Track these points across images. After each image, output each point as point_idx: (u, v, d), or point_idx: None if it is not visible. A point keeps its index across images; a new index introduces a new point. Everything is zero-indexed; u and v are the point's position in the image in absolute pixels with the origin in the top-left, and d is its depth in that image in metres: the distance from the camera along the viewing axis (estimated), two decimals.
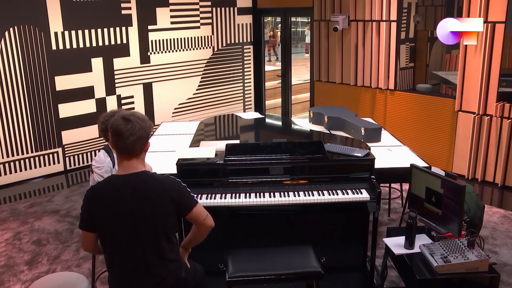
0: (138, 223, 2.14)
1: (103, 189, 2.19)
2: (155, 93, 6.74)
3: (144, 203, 2.14)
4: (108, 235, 2.17)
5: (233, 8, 7.33)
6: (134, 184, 2.15)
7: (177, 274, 2.26)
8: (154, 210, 2.15)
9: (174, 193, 2.19)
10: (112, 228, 2.15)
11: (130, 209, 2.13)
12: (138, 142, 2.17)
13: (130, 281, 2.20)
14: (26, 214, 4.86)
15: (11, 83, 5.47)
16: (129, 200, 2.13)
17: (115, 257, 2.21)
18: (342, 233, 3.49)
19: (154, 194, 2.16)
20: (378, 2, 6.04)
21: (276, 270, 2.61)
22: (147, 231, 2.15)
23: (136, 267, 2.18)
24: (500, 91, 5.13)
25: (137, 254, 2.17)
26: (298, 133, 4.30)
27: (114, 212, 2.14)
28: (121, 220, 2.13)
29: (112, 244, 2.19)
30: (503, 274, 3.51)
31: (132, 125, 2.15)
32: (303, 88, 9.61)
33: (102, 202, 2.15)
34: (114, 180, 2.20)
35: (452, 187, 2.64)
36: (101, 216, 2.15)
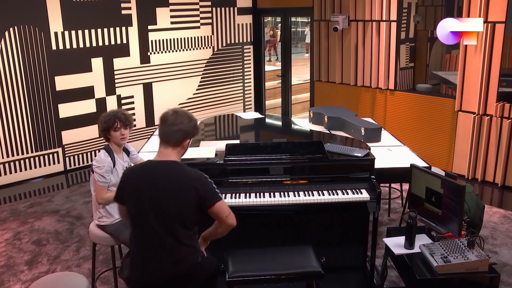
0: (154, 207, 2.27)
1: (135, 170, 2.41)
2: (155, 93, 6.74)
3: (164, 189, 2.27)
4: (130, 211, 2.36)
5: (233, 8, 7.33)
6: (161, 170, 2.32)
7: (193, 258, 2.36)
8: (173, 198, 2.27)
9: (199, 185, 2.29)
10: (133, 206, 2.33)
11: (149, 192, 2.27)
12: (177, 134, 2.35)
13: (148, 258, 2.31)
14: (26, 214, 4.86)
15: (11, 83, 5.47)
16: (150, 184, 2.28)
17: (136, 236, 2.37)
18: (342, 233, 3.48)
19: (178, 182, 2.29)
20: (378, 2, 6.04)
21: (276, 270, 2.61)
22: (162, 215, 2.27)
23: (153, 247, 2.29)
24: (500, 91, 5.13)
25: (152, 235, 2.28)
26: (298, 133, 4.30)
27: (136, 193, 2.31)
28: (140, 201, 2.29)
29: (132, 221, 2.37)
30: (503, 274, 3.51)
31: (177, 117, 2.36)
32: (303, 88, 9.61)
33: (130, 181, 2.36)
34: (147, 163, 2.42)
35: (452, 187, 2.64)
36: (127, 194, 2.35)
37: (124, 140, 3.11)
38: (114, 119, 3.05)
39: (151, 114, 6.77)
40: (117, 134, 3.06)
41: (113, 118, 3.05)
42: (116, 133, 3.06)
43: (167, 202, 2.27)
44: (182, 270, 2.32)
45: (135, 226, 2.36)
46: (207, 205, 2.31)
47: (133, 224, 2.37)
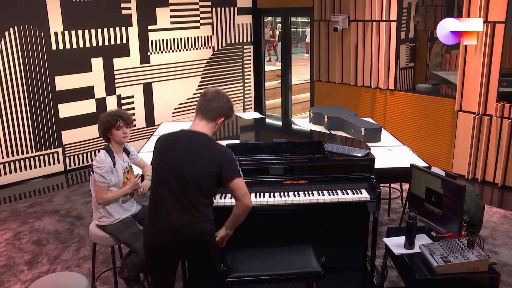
0: (176, 171, 2.41)
1: (167, 136, 2.56)
2: (155, 93, 6.74)
3: (188, 156, 2.42)
4: (155, 176, 2.50)
5: (233, 8, 7.34)
6: (191, 139, 2.49)
7: (203, 227, 2.44)
8: (196, 165, 2.41)
9: (223, 159, 2.45)
10: (158, 169, 2.48)
11: (174, 157, 2.43)
12: (215, 109, 2.51)
13: (162, 219, 2.43)
14: (26, 214, 4.86)
15: (11, 83, 5.47)
16: (177, 150, 2.45)
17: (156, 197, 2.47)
18: (342, 233, 3.48)
19: (203, 152, 2.44)
20: (378, 2, 6.05)
21: (276, 270, 2.61)
22: (187, 182, 2.39)
23: (169, 209, 2.41)
24: (500, 91, 5.13)
25: (170, 198, 2.41)
26: (298, 133, 4.30)
27: (162, 157, 2.48)
28: (164, 164, 2.45)
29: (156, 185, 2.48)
30: (503, 274, 3.51)
31: (218, 94, 2.55)
32: (303, 88, 9.61)
33: (161, 147, 2.52)
34: (180, 131, 2.56)
35: (452, 187, 2.64)
36: (157, 158, 2.52)
37: (126, 139, 3.11)
38: (117, 117, 3.05)
39: (151, 114, 6.77)
40: (120, 133, 3.06)
41: (115, 117, 3.05)
42: (118, 131, 3.06)
43: (188, 168, 2.40)
44: (189, 234, 2.40)
45: (157, 188, 2.48)
46: (227, 179, 2.44)
47: (155, 186, 2.49)
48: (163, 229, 2.43)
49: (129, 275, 3.16)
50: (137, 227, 3.12)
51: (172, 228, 2.40)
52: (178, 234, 2.40)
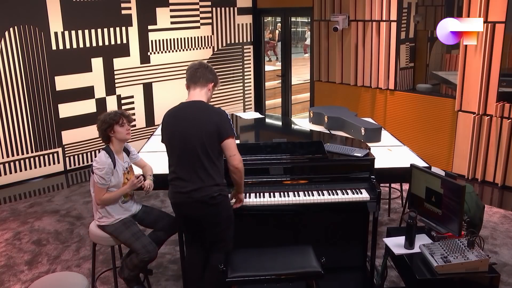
0: (187, 137, 2.69)
1: (171, 111, 2.84)
2: (155, 93, 6.74)
3: (191, 123, 2.70)
4: (168, 147, 2.80)
5: (233, 8, 7.34)
6: (190, 107, 2.76)
7: (212, 192, 2.71)
8: (198, 130, 2.68)
9: (218, 119, 2.70)
10: (170, 141, 2.78)
11: (180, 127, 2.72)
12: (203, 76, 2.81)
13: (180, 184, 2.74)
14: (26, 214, 4.86)
15: (11, 83, 5.48)
16: (181, 120, 2.73)
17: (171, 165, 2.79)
18: (342, 233, 3.48)
19: (202, 116, 2.71)
20: (378, 2, 6.05)
21: (276, 270, 2.61)
22: (193, 144, 2.68)
23: (187, 172, 2.72)
24: (500, 91, 5.13)
25: (183, 165, 2.73)
26: (298, 133, 4.30)
27: (170, 129, 2.77)
28: (174, 135, 2.74)
29: (170, 155, 2.80)
30: (503, 274, 3.51)
31: (201, 64, 2.86)
32: (303, 88, 9.61)
33: (167, 121, 2.81)
34: (180, 104, 2.84)
35: (452, 187, 2.64)
36: (165, 132, 2.81)
37: (129, 136, 3.12)
38: (119, 115, 3.07)
39: (151, 114, 6.77)
40: (123, 130, 3.07)
41: (119, 114, 3.07)
42: (122, 128, 3.06)
43: (193, 134, 2.67)
44: (199, 196, 2.69)
45: (172, 158, 2.79)
46: (222, 138, 2.68)
47: (169, 157, 2.81)
48: (178, 194, 2.75)
49: (129, 275, 3.16)
50: (137, 227, 3.12)
51: (184, 192, 2.71)
52: (189, 197, 2.71)
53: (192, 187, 2.70)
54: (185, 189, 2.72)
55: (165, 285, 3.54)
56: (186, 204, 2.76)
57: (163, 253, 3.93)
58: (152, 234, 3.24)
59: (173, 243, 4.02)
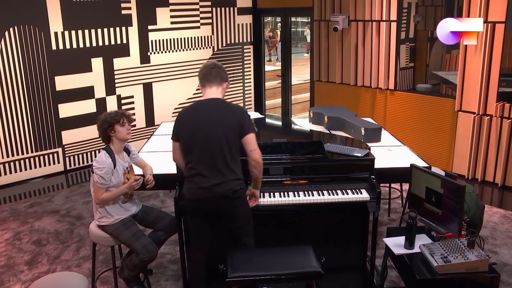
0: (209, 133, 2.73)
1: (188, 110, 2.88)
2: (155, 93, 6.74)
3: (213, 119, 2.75)
4: (187, 143, 2.80)
5: (233, 8, 7.34)
6: (211, 105, 2.81)
7: (234, 185, 2.76)
8: (223, 126, 2.74)
9: (240, 115, 2.79)
10: (190, 138, 2.78)
11: (203, 124, 2.75)
12: (218, 75, 2.87)
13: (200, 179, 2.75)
14: (26, 214, 4.86)
15: (11, 83, 5.48)
16: (203, 117, 2.76)
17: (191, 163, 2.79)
18: (342, 233, 3.48)
19: (224, 113, 2.78)
20: (378, 2, 6.05)
21: (276, 270, 2.61)
22: (215, 140, 2.73)
23: (208, 168, 2.74)
24: (500, 91, 5.13)
25: (209, 157, 2.74)
26: (298, 133, 4.30)
27: (191, 127, 2.78)
28: (195, 132, 2.76)
29: (189, 152, 2.79)
30: (503, 274, 3.51)
31: (214, 63, 2.92)
32: (303, 88, 9.61)
33: (185, 118, 2.83)
34: (197, 103, 2.87)
35: (452, 187, 2.64)
36: (182, 130, 2.82)
37: (130, 135, 3.12)
38: (120, 114, 3.07)
39: (151, 114, 6.77)
40: (124, 129, 3.07)
41: (119, 114, 3.07)
42: (123, 128, 3.06)
43: (215, 130, 2.73)
44: (221, 191, 2.73)
45: (191, 155, 2.79)
46: (243, 133, 2.76)
47: (187, 154, 2.82)
48: (199, 189, 2.75)
49: (129, 275, 3.16)
50: (137, 227, 3.12)
51: (206, 187, 2.73)
52: (212, 192, 2.73)
53: (214, 182, 2.73)
54: (206, 184, 2.73)
55: (165, 285, 3.54)
56: (206, 199, 2.77)
57: (163, 253, 3.93)
58: (152, 234, 3.24)
59: (173, 243, 4.02)
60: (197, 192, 2.78)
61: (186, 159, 2.84)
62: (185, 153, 2.84)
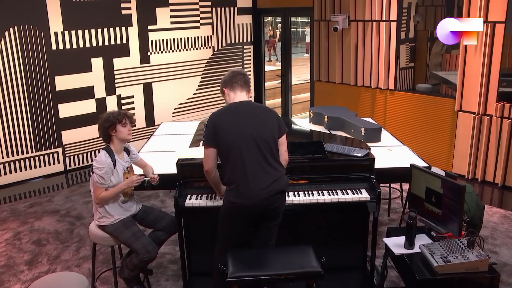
0: (258, 132, 2.72)
1: (224, 113, 2.80)
2: (155, 93, 6.74)
3: (258, 119, 2.77)
4: (229, 147, 2.71)
5: (233, 8, 7.34)
6: (250, 108, 2.82)
7: (286, 179, 2.80)
8: (268, 126, 2.77)
9: (276, 116, 2.87)
10: (234, 141, 2.70)
11: (251, 125, 2.73)
12: (248, 81, 2.92)
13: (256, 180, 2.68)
14: (26, 214, 4.86)
15: (11, 83, 5.48)
16: (246, 117, 2.76)
17: (238, 165, 2.70)
18: (342, 233, 3.48)
19: (264, 113, 2.83)
20: (378, 2, 6.05)
21: (276, 270, 2.61)
22: (265, 138, 2.73)
23: (256, 170, 2.69)
24: (500, 91, 5.13)
25: (259, 157, 2.70)
26: (298, 133, 4.30)
27: (237, 129, 2.72)
28: (243, 133, 2.71)
29: (236, 154, 2.70)
30: (503, 274, 3.51)
31: (244, 72, 2.96)
32: (303, 88, 9.61)
33: (224, 121, 2.75)
34: (233, 106, 2.83)
35: (452, 187, 2.64)
36: (224, 134, 2.72)
37: (130, 136, 3.12)
38: (123, 114, 3.07)
39: (151, 114, 6.77)
40: (125, 130, 3.07)
41: (122, 114, 3.07)
42: (124, 128, 3.06)
43: (263, 129, 2.74)
44: (278, 186, 2.71)
45: (237, 157, 2.70)
46: (281, 133, 2.83)
47: (233, 158, 2.71)
48: (254, 191, 2.67)
49: (129, 275, 3.16)
50: (137, 227, 3.12)
51: (263, 188, 2.67)
52: (269, 191, 2.68)
53: (270, 180, 2.70)
54: (263, 184, 2.68)
55: (165, 285, 3.54)
56: (264, 200, 2.68)
57: (163, 253, 3.93)
58: (152, 234, 3.24)
59: (173, 243, 4.02)
60: (253, 196, 2.67)
61: (229, 164, 2.73)
62: (226, 158, 2.74)
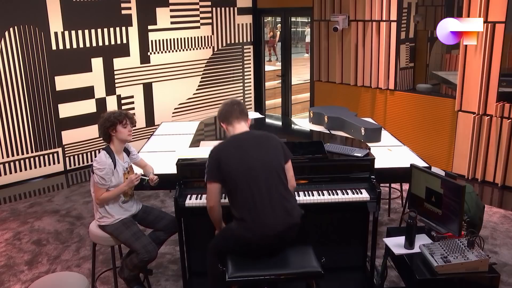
0: (266, 165, 2.62)
1: (227, 146, 2.68)
2: (155, 93, 6.74)
3: (265, 149, 2.67)
4: (240, 181, 2.59)
5: (233, 8, 7.34)
6: (253, 137, 2.73)
7: (299, 209, 2.70)
8: (273, 153, 2.68)
9: (280, 143, 2.77)
10: (241, 174, 2.58)
11: (257, 155, 2.63)
12: (242, 112, 2.80)
13: (264, 215, 2.56)
14: (26, 214, 4.86)
15: (11, 83, 5.48)
16: (253, 149, 2.64)
17: (247, 199, 2.58)
18: (342, 233, 3.48)
19: (268, 141, 2.72)
20: (378, 2, 6.05)
21: (276, 270, 2.61)
22: (273, 171, 2.63)
23: (267, 203, 2.57)
24: (500, 91, 5.13)
25: (268, 189, 2.59)
26: (298, 133, 4.30)
27: (243, 161, 2.60)
28: (249, 166, 2.59)
29: (244, 189, 2.58)
30: (503, 274, 3.51)
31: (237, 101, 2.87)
32: (303, 88, 9.61)
33: (230, 155, 2.62)
34: (234, 138, 2.74)
35: (452, 187, 2.64)
36: (229, 167, 2.59)
37: (130, 137, 3.12)
38: (124, 115, 3.07)
39: (151, 114, 6.77)
40: (126, 130, 3.07)
41: (123, 114, 3.07)
42: (125, 129, 3.06)
43: (271, 158, 2.65)
44: (292, 218, 2.61)
45: (245, 190, 2.58)
46: (286, 159, 2.75)
47: (243, 190, 2.59)
48: (267, 226, 2.55)
49: (129, 275, 3.16)
50: (137, 227, 3.12)
51: (276, 223, 2.56)
52: (283, 224, 2.58)
53: (283, 213, 2.59)
54: (276, 220, 2.56)
55: (165, 285, 3.54)
56: (278, 233, 2.58)
57: (163, 253, 3.93)
58: (152, 234, 3.24)
59: (173, 243, 4.02)
60: (265, 234, 2.56)
61: (237, 199, 2.61)
62: (234, 193, 2.62)
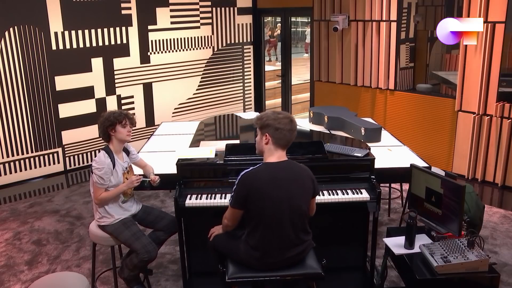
0: (295, 209, 2.51)
1: (261, 176, 2.52)
2: (155, 93, 6.74)
3: (296, 183, 2.53)
4: (264, 215, 2.49)
5: (233, 8, 7.34)
6: (288, 169, 2.56)
7: (311, 244, 2.67)
8: (303, 189, 2.56)
9: (312, 177, 2.62)
10: (270, 212, 2.48)
11: (287, 195, 2.49)
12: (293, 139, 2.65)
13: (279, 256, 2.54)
14: (26, 214, 4.86)
15: (11, 83, 5.48)
16: (286, 186, 2.50)
17: (265, 237, 2.51)
18: (342, 233, 3.48)
19: (302, 177, 2.58)
20: (378, 2, 6.05)
21: (276, 271, 2.61)
22: (302, 214, 2.55)
23: (288, 242, 2.53)
24: (500, 91, 5.13)
25: (290, 230, 2.52)
26: (298, 133, 4.27)
27: (273, 201, 2.48)
28: (278, 201, 2.47)
29: (266, 223, 2.49)
30: (503, 274, 3.51)
31: (295, 124, 2.66)
32: (303, 88, 9.61)
33: (262, 189, 2.48)
34: (269, 167, 2.56)
35: (452, 187, 2.64)
36: (258, 202, 2.48)
37: (129, 138, 3.12)
38: (124, 115, 3.06)
39: (151, 114, 6.77)
40: (125, 130, 3.06)
41: (123, 114, 3.06)
42: (124, 129, 3.06)
43: (300, 202, 2.53)
44: (302, 256, 2.62)
45: (266, 229, 2.51)
46: (314, 194, 2.64)
47: (263, 226, 2.51)
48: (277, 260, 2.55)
49: (129, 275, 3.16)
50: (137, 227, 3.12)
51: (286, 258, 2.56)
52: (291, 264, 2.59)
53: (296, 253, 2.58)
54: (286, 256, 2.56)
55: (165, 285, 3.54)
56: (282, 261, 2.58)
57: (163, 253, 3.93)
58: (152, 234, 3.24)
59: (173, 243, 4.02)
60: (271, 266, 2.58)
61: (256, 230, 2.54)
62: (254, 224, 2.54)
